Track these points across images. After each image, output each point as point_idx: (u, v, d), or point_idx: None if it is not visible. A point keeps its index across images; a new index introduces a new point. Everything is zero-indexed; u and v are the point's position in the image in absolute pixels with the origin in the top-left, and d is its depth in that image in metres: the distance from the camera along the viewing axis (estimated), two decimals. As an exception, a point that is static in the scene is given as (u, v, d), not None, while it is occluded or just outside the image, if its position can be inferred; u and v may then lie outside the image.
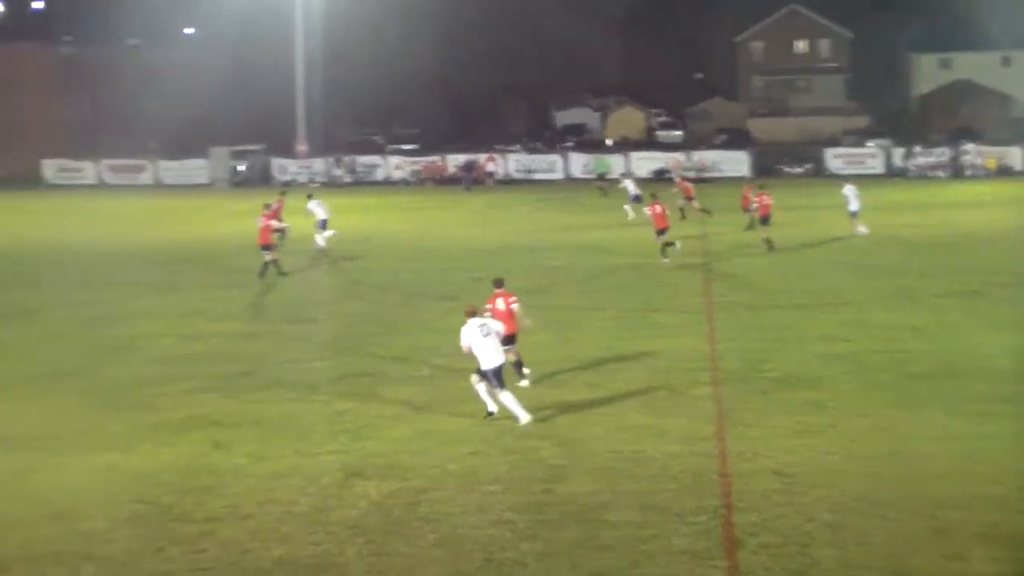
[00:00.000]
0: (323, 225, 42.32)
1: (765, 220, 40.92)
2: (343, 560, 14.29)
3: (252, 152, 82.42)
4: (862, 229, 42.64)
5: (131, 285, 35.82)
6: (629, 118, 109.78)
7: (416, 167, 79.26)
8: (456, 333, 20.20)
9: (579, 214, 49.00)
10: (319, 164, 79.82)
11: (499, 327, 20.18)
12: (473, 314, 20.06)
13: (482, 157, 77.21)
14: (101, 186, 79.74)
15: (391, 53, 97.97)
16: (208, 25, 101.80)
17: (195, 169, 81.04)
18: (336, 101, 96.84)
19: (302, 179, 77.90)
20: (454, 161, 77.57)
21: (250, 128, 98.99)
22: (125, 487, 16.97)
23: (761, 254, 38.98)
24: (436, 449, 18.46)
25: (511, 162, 78.89)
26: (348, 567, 14.11)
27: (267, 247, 36.38)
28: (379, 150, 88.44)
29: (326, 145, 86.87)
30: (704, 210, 48.84)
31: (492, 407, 19.93)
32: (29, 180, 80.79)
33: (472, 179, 73.95)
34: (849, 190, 43.90)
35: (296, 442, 19.02)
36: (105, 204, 66.13)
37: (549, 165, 78.29)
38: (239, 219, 55.36)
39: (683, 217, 47.65)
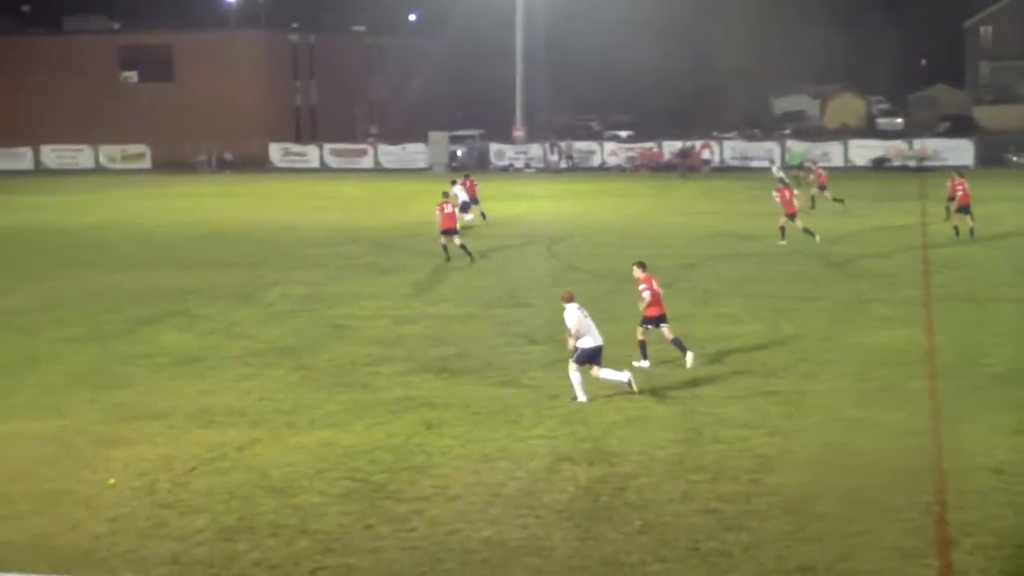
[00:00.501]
0: (464, 208, 44.21)
1: (964, 209, 39.44)
2: (549, 544, 14.39)
3: (470, 137, 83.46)
4: None
5: (349, 267, 36.67)
6: (848, 105, 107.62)
7: (631, 153, 79.13)
8: (670, 319, 20.15)
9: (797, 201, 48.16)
10: (535, 149, 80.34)
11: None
12: (571, 299, 20.76)
13: (697, 144, 76.72)
14: (323, 170, 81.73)
15: (610, 40, 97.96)
16: (431, 12, 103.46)
17: (415, 154, 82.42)
18: (554, 87, 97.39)
19: (519, 164, 78.66)
20: (669, 148, 77.21)
21: (468, 113, 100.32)
22: (339, 464, 17.41)
23: (981, 244, 37.80)
24: (644, 436, 18.44)
25: (727, 149, 78.10)
26: (554, 550, 14.21)
27: (451, 232, 36.56)
28: (595, 136, 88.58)
29: (543, 131, 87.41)
30: (836, 199, 47.70)
31: (581, 396, 20.35)
32: (256, 163, 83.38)
33: (687, 166, 73.50)
34: None
35: (506, 425, 19.23)
36: (327, 187, 67.77)
37: (766, 153, 77.23)
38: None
39: (812, 207, 46.85)
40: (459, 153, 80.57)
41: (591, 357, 20.54)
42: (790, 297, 30.08)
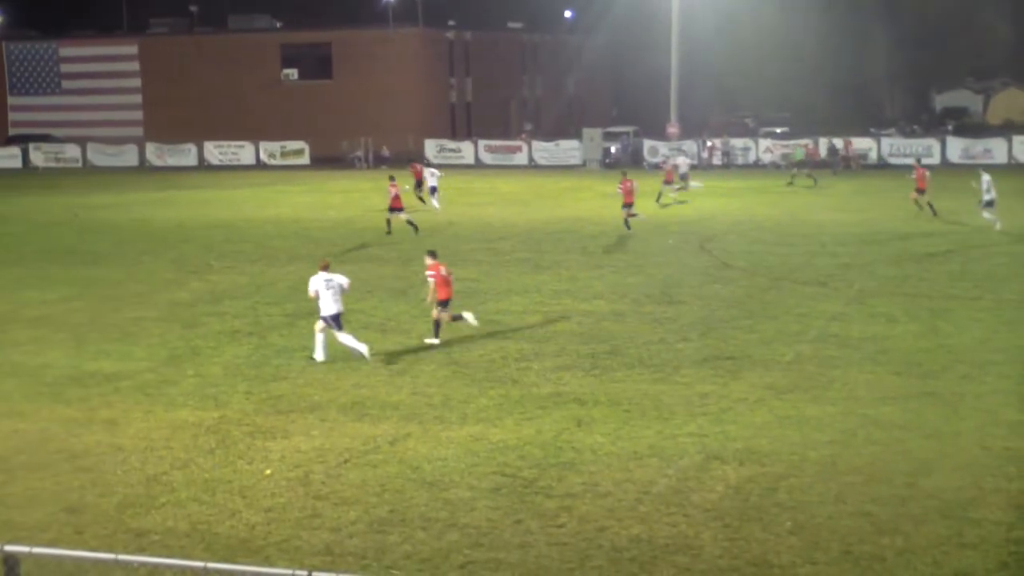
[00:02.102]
0: (432, 192, 52.46)
1: None
2: (698, 543, 14.31)
3: (624, 134, 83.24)
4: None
5: (502, 262, 36.85)
6: (1014, 100, 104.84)
7: (786, 150, 78.07)
8: (824, 319, 19.89)
9: (951, 199, 47.17)
10: (689, 146, 79.81)
11: (343, 282, 23.99)
12: (326, 268, 24.20)
13: (853, 140, 75.53)
14: (478, 166, 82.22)
15: (768, 37, 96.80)
16: (587, 9, 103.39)
17: (568, 150, 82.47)
18: (709, 83, 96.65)
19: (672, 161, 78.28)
20: (825, 144, 76.07)
21: (622, 110, 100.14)
22: (489, 458, 17.52)
23: None
24: (796, 436, 18.23)
25: (884, 146, 76.68)
26: (703, 550, 14.12)
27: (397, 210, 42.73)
28: (750, 133, 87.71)
29: (697, 127, 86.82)
30: (928, 204, 46.50)
31: (320, 355, 23.75)
32: (412, 159, 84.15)
33: (841, 163, 72.35)
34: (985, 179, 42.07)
35: (656, 423, 19.16)
36: (481, 184, 68.19)
37: (925, 149, 75.61)
38: (610, 200, 56.10)
39: (921, 208, 45.81)
40: (613, 150, 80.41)
41: (326, 322, 23.69)
42: (948, 297, 29.45)
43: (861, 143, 76.71)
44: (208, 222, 50.31)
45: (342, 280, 24.08)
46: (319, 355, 23.86)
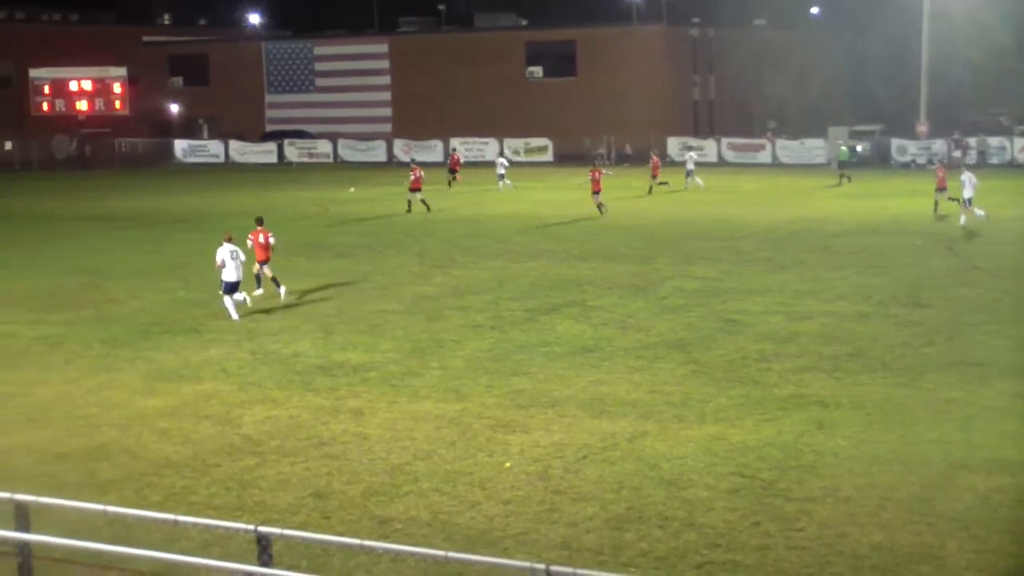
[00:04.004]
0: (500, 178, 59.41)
1: None
2: (943, 553, 13.94)
3: (870, 132, 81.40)
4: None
5: (743, 262, 36.50)
6: None
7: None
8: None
9: None
10: (939, 145, 77.54)
11: (243, 256, 28.89)
12: (229, 240, 28.91)
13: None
14: (720, 164, 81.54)
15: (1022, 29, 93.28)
16: (833, 5, 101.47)
17: (812, 149, 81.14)
18: (960, 80, 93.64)
19: (921, 160, 76.15)
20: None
21: (868, 108, 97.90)
22: (727, 459, 17.41)
23: None
24: (1049, 447, 17.58)
25: None
26: (947, 560, 13.76)
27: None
28: (1005, 131, 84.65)
29: (947, 125, 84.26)
30: (952, 199, 44.85)
31: (235, 315, 28.34)
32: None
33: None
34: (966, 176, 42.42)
35: (899, 428, 18.74)
36: (723, 182, 67.63)
37: None
38: (854, 200, 55.05)
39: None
40: (859, 148, 78.69)
41: (231, 288, 28.58)
42: None
43: None
44: (451, 217, 51.21)
45: (242, 256, 28.95)
46: (234, 315, 28.42)
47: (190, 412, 20.62)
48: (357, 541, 10.95)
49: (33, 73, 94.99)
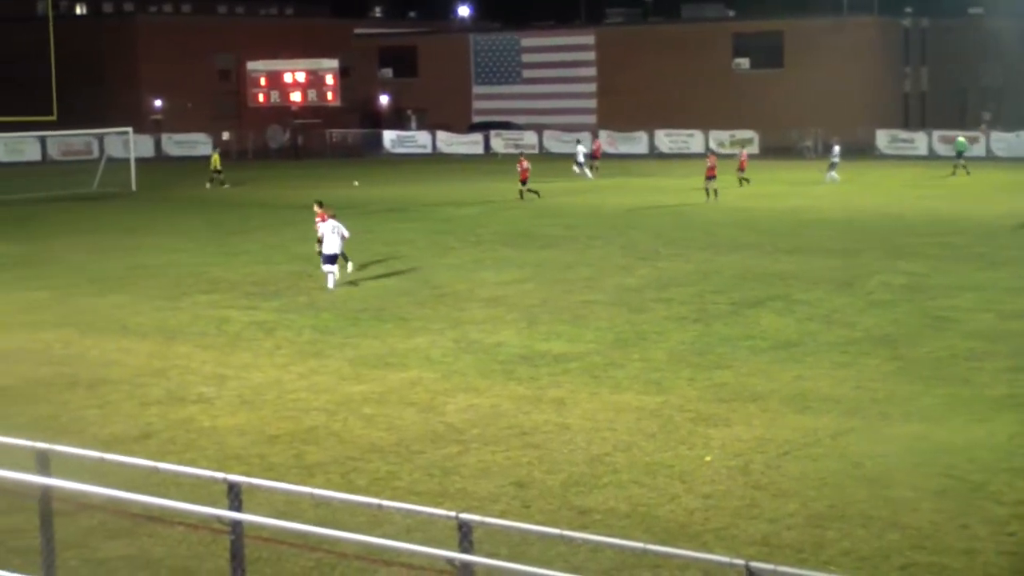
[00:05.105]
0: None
1: None
2: None
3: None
4: None
5: (953, 257, 35.64)
6: None
7: None
8: None
9: None
10: None
11: (344, 231, 32.05)
12: (333, 216, 32.37)
13: None
14: (931, 157, 79.49)
15: None
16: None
17: (1032, 141, 78.54)
18: None
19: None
20: None
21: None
22: (933, 459, 17.01)
23: None
24: None
25: None
26: None
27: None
28: None
29: None
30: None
31: (331, 285, 31.62)
32: (862, 149, 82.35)
33: None
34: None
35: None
36: (932, 174, 65.98)
37: None
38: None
39: None
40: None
41: (329, 260, 31.86)
42: None
43: None
44: (657, 209, 51.10)
45: (343, 231, 31.98)
46: (331, 285, 31.70)
47: (395, 399, 21.04)
48: (556, 531, 11.03)
49: (250, 66, 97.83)
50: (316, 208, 33.76)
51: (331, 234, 31.75)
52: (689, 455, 17.54)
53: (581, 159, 69.78)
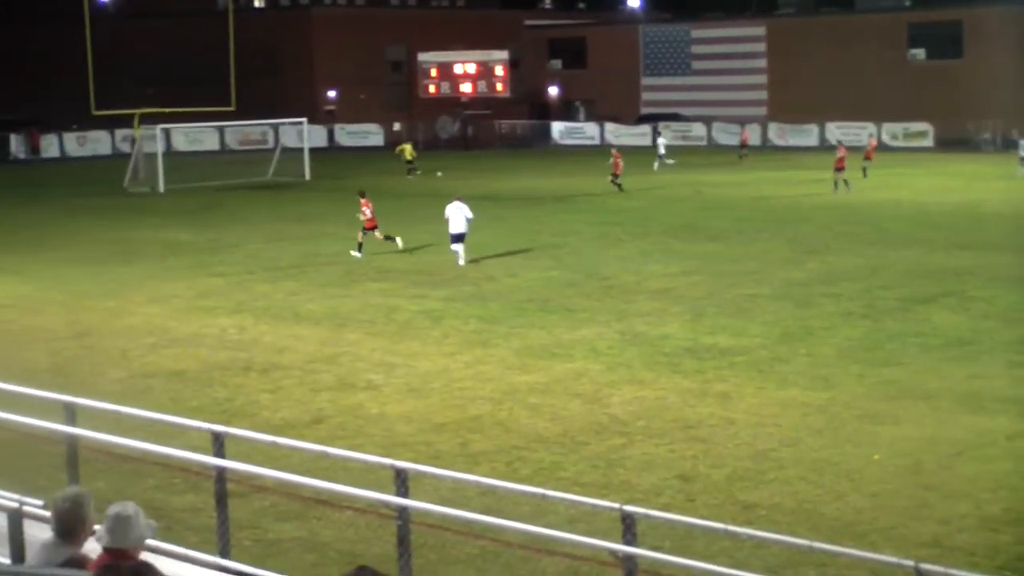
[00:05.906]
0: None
1: None
2: None
3: None
4: None
5: None
6: None
7: None
8: None
9: None
10: None
11: (468, 213, 34.28)
12: (459, 199, 34.58)
13: None
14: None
15: None
16: None
17: None
18: None
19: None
20: None
21: None
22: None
23: None
24: None
25: None
26: None
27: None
28: None
29: None
30: None
31: (462, 261, 33.86)
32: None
33: None
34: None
35: None
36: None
37: None
38: None
39: None
40: None
41: (456, 239, 34.13)
42: None
43: None
44: (825, 202, 50.36)
45: (467, 212, 34.11)
46: (461, 262, 34.00)
47: (560, 389, 21.13)
48: (721, 525, 11.00)
49: (421, 57, 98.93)
50: (360, 199, 37.35)
51: (456, 214, 34.16)
52: (856, 453, 17.28)
53: (663, 151, 69.21)
